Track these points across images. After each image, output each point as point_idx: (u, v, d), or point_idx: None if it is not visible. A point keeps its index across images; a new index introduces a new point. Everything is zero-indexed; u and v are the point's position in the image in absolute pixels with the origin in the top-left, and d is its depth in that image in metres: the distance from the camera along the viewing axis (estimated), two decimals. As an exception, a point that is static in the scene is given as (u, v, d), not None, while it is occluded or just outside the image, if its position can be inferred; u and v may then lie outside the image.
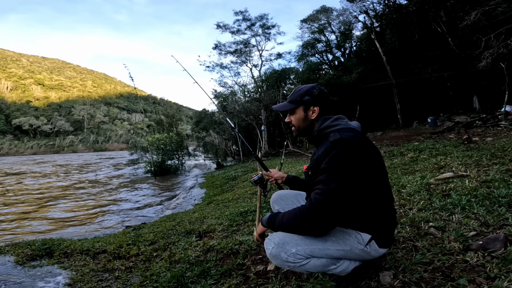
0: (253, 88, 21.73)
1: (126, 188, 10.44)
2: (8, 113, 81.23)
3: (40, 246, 2.63)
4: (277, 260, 1.19)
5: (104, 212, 6.51)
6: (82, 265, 2.25)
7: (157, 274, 1.89)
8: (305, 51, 22.96)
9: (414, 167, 4.12)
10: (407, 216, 2.06)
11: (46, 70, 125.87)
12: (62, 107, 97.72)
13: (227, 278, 1.70)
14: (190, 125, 44.66)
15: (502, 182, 2.42)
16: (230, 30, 20.17)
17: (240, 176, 9.52)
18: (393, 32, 17.32)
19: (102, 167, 21.34)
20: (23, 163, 29.32)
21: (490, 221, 1.71)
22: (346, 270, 1.27)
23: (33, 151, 68.67)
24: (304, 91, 1.35)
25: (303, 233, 1.18)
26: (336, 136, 1.17)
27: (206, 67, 20.63)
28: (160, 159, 14.75)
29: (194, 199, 7.16)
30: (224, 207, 4.45)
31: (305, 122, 1.36)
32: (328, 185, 1.09)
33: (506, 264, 1.23)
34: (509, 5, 9.24)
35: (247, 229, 2.63)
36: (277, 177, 1.75)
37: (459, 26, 10.92)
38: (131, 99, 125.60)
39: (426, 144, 6.31)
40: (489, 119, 9.41)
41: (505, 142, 4.85)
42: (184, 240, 2.64)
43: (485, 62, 9.85)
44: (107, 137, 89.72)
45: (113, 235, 3.50)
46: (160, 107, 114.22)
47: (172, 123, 23.33)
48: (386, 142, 9.50)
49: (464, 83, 14.39)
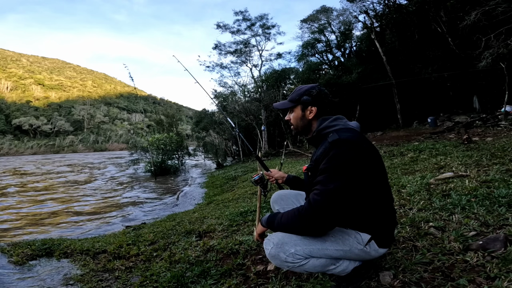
0: (253, 88, 21.73)
1: (126, 188, 10.44)
2: (8, 113, 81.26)
3: (40, 246, 2.64)
4: (276, 260, 1.19)
5: (103, 212, 6.51)
6: (82, 265, 2.25)
7: (157, 274, 1.89)
8: (305, 51, 22.97)
9: (414, 167, 4.12)
10: (407, 216, 2.06)
11: (46, 70, 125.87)
12: (62, 107, 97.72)
13: (227, 278, 1.70)
14: (190, 125, 44.76)
15: (502, 182, 2.42)
16: (230, 30, 20.16)
17: (240, 176, 9.52)
18: (393, 32, 17.33)
19: (102, 166, 21.35)
20: (27, 163, 29.31)
21: (490, 221, 1.71)
22: (345, 270, 1.27)
23: (33, 151, 68.66)
24: (303, 91, 1.36)
25: (302, 233, 1.18)
26: (334, 136, 1.18)
27: (206, 67, 20.62)
28: (160, 159, 14.75)
29: (194, 199, 7.16)
30: (224, 207, 4.45)
31: (303, 121, 1.37)
32: (327, 185, 1.09)
33: (506, 264, 1.23)
34: (509, 5, 9.24)
35: (247, 229, 2.63)
36: (277, 177, 1.76)
37: (459, 26, 10.92)
38: (131, 99, 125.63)
39: (426, 144, 6.31)
40: (489, 119, 9.41)
41: (505, 142, 4.85)
42: (184, 240, 2.64)
43: (485, 62, 9.85)
44: (107, 137, 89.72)
45: (113, 235, 3.51)
46: (160, 107, 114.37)
47: (172, 123, 23.37)
48: (386, 142, 9.50)
49: (464, 83, 14.39)
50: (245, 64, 21.01)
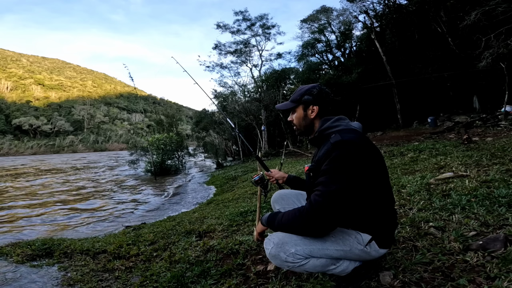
0: (253, 88, 21.75)
1: (125, 188, 10.44)
2: (8, 113, 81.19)
3: (40, 246, 2.64)
4: (277, 260, 1.19)
5: (104, 212, 6.51)
6: (82, 265, 2.25)
7: (157, 274, 1.89)
8: (305, 51, 22.99)
9: (414, 167, 4.12)
10: (407, 216, 2.06)
11: (46, 70, 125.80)
12: (62, 107, 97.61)
13: (227, 278, 1.70)
14: (190, 125, 44.74)
15: (502, 182, 2.42)
16: (230, 30, 20.20)
17: (240, 176, 9.52)
18: (393, 32, 17.34)
19: (102, 167, 21.34)
20: (29, 163, 29.30)
21: (490, 221, 1.71)
22: (346, 270, 1.27)
23: (33, 151, 68.57)
24: (304, 90, 1.37)
25: (302, 233, 1.18)
26: (337, 137, 1.17)
27: (206, 67, 20.66)
28: (160, 159, 14.76)
29: (194, 199, 7.16)
30: (224, 207, 4.45)
31: (305, 121, 1.37)
32: (328, 186, 1.09)
33: (506, 264, 1.23)
34: (509, 5, 9.24)
35: (247, 229, 2.63)
36: (278, 177, 1.76)
37: (459, 26, 10.94)
38: (131, 99, 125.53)
39: (426, 144, 6.31)
40: (489, 119, 9.41)
41: (505, 142, 4.85)
42: (184, 240, 2.64)
43: (485, 62, 9.86)
44: (107, 137, 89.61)
45: (113, 235, 3.50)
46: (160, 107, 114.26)
47: (172, 123, 23.36)
48: (386, 142, 9.50)
49: (464, 83, 14.40)
50: (245, 64, 21.06)
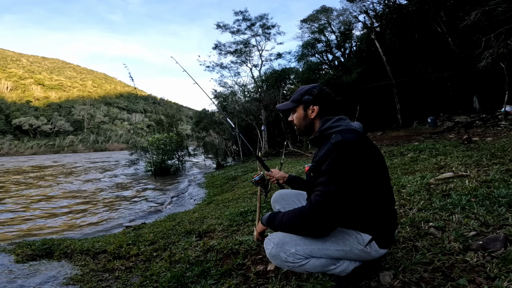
0: (253, 88, 21.75)
1: (125, 188, 10.43)
2: (8, 113, 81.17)
3: (40, 246, 2.64)
4: (277, 260, 1.19)
5: (103, 212, 6.51)
6: (82, 265, 2.25)
7: (157, 274, 1.89)
8: (305, 51, 22.99)
9: (414, 167, 4.12)
10: (407, 216, 2.06)
11: (46, 70, 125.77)
12: (62, 107, 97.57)
13: (227, 278, 1.70)
14: (190, 125, 44.70)
15: (502, 182, 2.42)
16: (230, 30, 20.18)
17: (240, 176, 9.51)
18: (393, 32, 17.34)
19: (102, 167, 21.34)
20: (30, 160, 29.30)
21: (490, 221, 1.71)
22: (346, 270, 1.27)
23: (33, 151, 68.54)
24: (304, 90, 1.36)
25: (302, 234, 1.18)
26: (337, 137, 1.17)
27: (206, 67, 20.65)
28: (160, 159, 14.76)
29: (194, 199, 7.16)
30: (224, 207, 4.45)
31: (305, 121, 1.37)
32: (329, 187, 1.09)
33: (506, 264, 1.23)
34: (509, 5, 9.24)
35: (247, 229, 2.63)
36: (278, 177, 1.76)
37: (459, 26, 10.93)
38: (131, 99, 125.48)
39: (426, 144, 6.31)
40: (489, 119, 9.41)
41: (505, 142, 4.84)
42: (184, 240, 2.64)
43: (485, 62, 9.86)
44: (107, 137, 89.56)
45: (113, 235, 3.51)
46: (160, 107, 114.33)
47: (172, 123, 23.30)
48: (386, 142, 9.50)
49: (464, 83, 14.39)
50: (245, 64, 21.04)
